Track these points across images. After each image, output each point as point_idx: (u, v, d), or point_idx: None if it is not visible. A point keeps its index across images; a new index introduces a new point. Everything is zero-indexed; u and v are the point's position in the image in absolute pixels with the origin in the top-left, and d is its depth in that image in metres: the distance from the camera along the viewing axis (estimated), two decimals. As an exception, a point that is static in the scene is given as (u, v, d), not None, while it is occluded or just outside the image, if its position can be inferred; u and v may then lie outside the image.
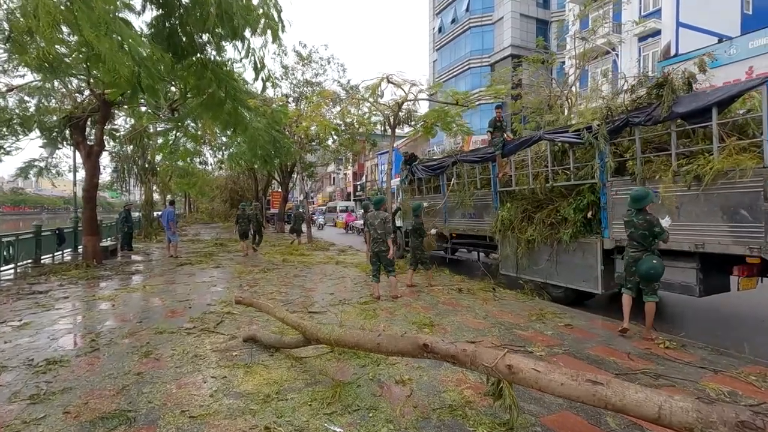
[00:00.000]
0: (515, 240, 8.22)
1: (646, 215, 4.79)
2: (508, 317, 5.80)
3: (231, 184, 34.50)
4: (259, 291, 7.65)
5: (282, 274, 9.56)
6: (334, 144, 25.99)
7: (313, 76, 22.01)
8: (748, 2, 24.92)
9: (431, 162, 11.56)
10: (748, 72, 16.93)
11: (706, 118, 5.22)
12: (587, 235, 6.90)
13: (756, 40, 17.45)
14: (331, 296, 7.19)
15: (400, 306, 6.44)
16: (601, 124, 5.92)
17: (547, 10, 35.24)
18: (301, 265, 11.19)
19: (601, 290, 6.61)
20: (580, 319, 5.78)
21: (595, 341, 4.76)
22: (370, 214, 7.27)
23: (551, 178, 7.52)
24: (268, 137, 10.35)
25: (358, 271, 10.09)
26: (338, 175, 64.11)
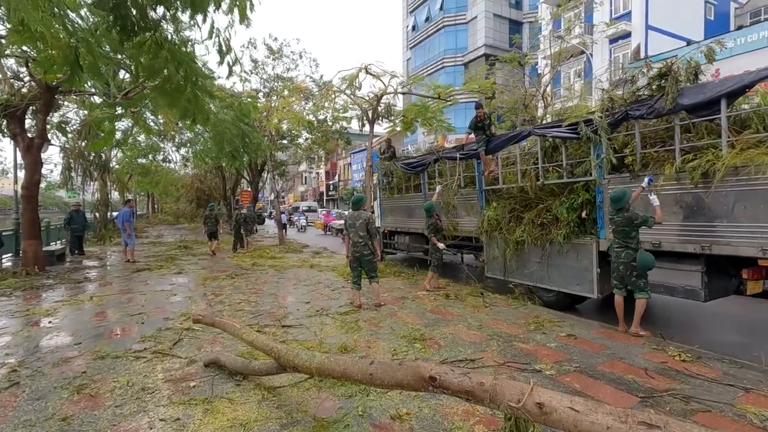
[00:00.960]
0: (503, 241, 7.76)
1: (625, 213, 4.88)
2: (503, 327, 5.29)
3: (197, 183, 32.85)
4: (226, 301, 6.84)
5: (251, 280, 8.75)
6: (306, 142, 25.15)
7: (284, 71, 21.09)
8: (710, 9, 25.76)
9: (411, 159, 11.00)
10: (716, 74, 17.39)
11: (713, 110, 4.87)
12: (581, 236, 6.49)
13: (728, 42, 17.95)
14: (306, 306, 6.49)
15: (384, 316, 5.82)
16: (602, 116, 5.50)
17: (519, 11, 35.51)
18: (272, 269, 10.37)
19: (597, 294, 6.22)
20: (579, 327, 5.33)
21: (605, 354, 4.29)
22: (350, 215, 6.61)
23: (542, 176, 7.09)
24: (236, 131, 9.47)
25: (335, 275, 9.39)
26: (310, 175, 62.87)
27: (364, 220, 6.32)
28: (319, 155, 33.66)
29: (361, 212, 6.48)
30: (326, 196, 55.77)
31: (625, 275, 4.95)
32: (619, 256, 4.98)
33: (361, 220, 6.32)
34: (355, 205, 6.62)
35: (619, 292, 5.13)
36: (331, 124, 21.28)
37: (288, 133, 22.63)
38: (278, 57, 21.40)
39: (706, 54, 4.95)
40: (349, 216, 6.59)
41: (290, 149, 29.02)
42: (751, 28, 17.23)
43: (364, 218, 6.34)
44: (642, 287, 4.97)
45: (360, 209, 6.55)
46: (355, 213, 6.51)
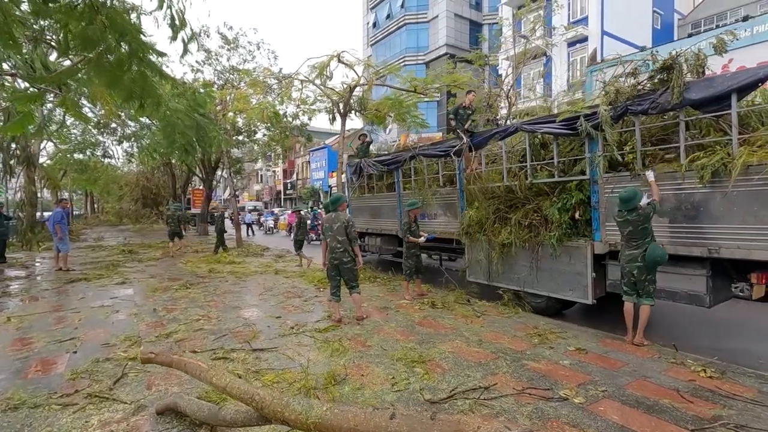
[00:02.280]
0: (487, 244, 7.30)
1: (639, 210, 4.56)
2: (505, 341, 4.77)
3: (143, 181, 30.33)
4: (181, 317, 5.86)
5: (209, 291, 7.73)
6: (264, 138, 23.84)
7: (240, 63, 19.74)
8: (657, 18, 27.13)
9: (384, 157, 10.37)
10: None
11: (723, 106, 4.60)
12: (574, 239, 6.13)
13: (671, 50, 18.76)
14: (278, 321, 5.65)
15: (370, 332, 5.13)
16: (608, 110, 5.11)
17: (479, 12, 35.88)
18: (232, 276, 9.35)
19: (592, 300, 5.87)
20: (584, 338, 4.92)
21: (626, 373, 3.86)
22: (326, 217, 5.85)
23: (530, 174, 6.68)
24: (190, 122, 8.36)
25: (305, 282, 8.56)
26: (267, 173, 60.66)
27: (343, 222, 5.58)
28: (277, 153, 32.19)
29: (339, 214, 5.72)
30: (284, 195, 53.96)
31: (639, 280, 4.60)
32: (635, 258, 4.59)
33: (339, 222, 5.57)
34: (332, 206, 5.84)
35: (629, 299, 4.78)
36: (292, 119, 20.28)
37: (245, 128, 21.28)
38: (233, 47, 20.03)
39: (716, 45, 4.67)
40: (326, 218, 5.82)
41: (246, 146, 27.53)
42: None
43: (342, 221, 5.60)
44: (651, 293, 4.69)
45: (338, 210, 5.80)
46: (332, 215, 5.75)
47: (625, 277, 4.72)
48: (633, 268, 4.60)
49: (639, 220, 4.55)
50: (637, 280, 4.61)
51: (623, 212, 4.67)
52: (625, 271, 4.69)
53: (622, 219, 4.68)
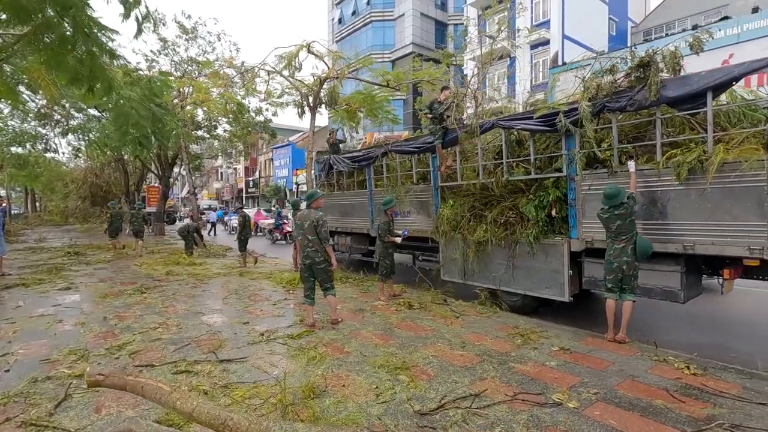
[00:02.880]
0: (462, 242, 7.17)
1: (624, 204, 4.58)
2: (488, 343, 4.61)
3: (92, 178, 28.26)
4: (136, 326, 5.30)
5: (168, 295, 7.13)
6: (225, 133, 22.87)
7: (199, 54, 18.77)
8: (613, 25, 28.37)
9: (355, 153, 10.05)
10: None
11: (698, 104, 4.65)
12: (551, 236, 6.10)
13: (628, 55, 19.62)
14: (246, 328, 5.23)
15: (347, 337, 4.83)
16: (589, 106, 5.06)
17: (445, 12, 36.15)
18: (192, 279, 8.73)
19: (569, 297, 5.86)
20: (565, 337, 4.85)
21: (613, 373, 3.79)
22: (299, 214, 5.49)
23: (506, 172, 6.60)
24: (145, 112, 7.72)
25: (272, 284, 8.11)
26: (227, 170, 58.60)
27: (313, 220, 5.19)
28: (239, 149, 31.00)
29: (311, 211, 5.33)
30: (245, 193, 52.30)
31: (627, 275, 4.60)
32: (624, 253, 4.58)
33: (310, 220, 5.19)
34: (306, 201, 5.47)
35: (612, 296, 4.75)
36: (255, 114, 19.50)
37: (205, 122, 20.29)
38: (192, 38, 19.02)
39: (692, 44, 4.72)
40: (299, 216, 5.46)
41: (206, 141, 26.31)
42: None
43: (313, 219, 5.20)
44: (634, 289, 4.70)
45: (311, 207, 5.44)
46: (304, 212, 5.39)
47: (612, 273, 4.67)
48: (622, 263, 4.57)
49: (627, 213, 4.56)
50: (625, 275, 4.60)
51: (608, 208, 4.65)
52: (613, 266, 4.65)
53: (608, 215, 4.65)
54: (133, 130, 8.16)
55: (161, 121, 8.44)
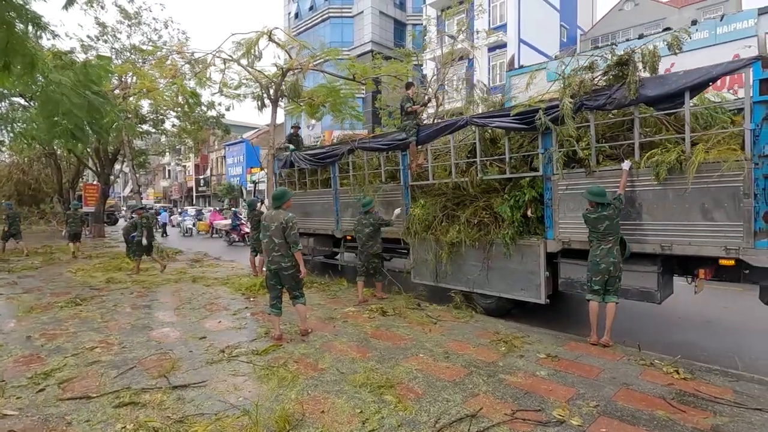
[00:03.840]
0: (434, 243, 6.92)
1: (611, 204, 4.50)
2: (472, 352, 4.34)
3: (18, 174, 25.50)
4: (68, 346, 4.53)
5: (108, 307, 6.29)
6: (174, 128, 21.39)
7: (144, 42, 17.32)
8: (564, 32, 29.58)
9: (319, 150, 9.53)
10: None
11: (676, 103, 4.64)
12: (526, 237, 5.96)
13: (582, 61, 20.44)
14: (202, 343, 4.62)
15: (319, 350, 4.37)
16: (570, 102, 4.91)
17: (403, 11, 36.13)
18: (137, 287, 7.85)
19: (545, 299, 5.74)
20: (548, 342, 4.68)
21: (607, 381, 3.62)
22: (267, 215, 4.96)
23: (480, 171, 6.41)
24: (80, 100, 6.78)
25: (230, 291, 7.44)
26: (176, 168, 55.45)
27: (282, 222, 4.69)
28: (188, 146, 29.16)
29: (279, 212, 4.79)
30: (196, 192, 49.69)
31: (613, 276, 4.52)
32: (610, 254, 4.50)
33: (278, 222, 4.69)
34: (275, 202, 4.87)
35: (596, 298, 4.64)
36: (207, 108, 18.31)
37: (150, 115, 18.79)
38: (135, 24, 17.56)
39: (671, 43, 4.70)
40: (265, 217, 4.93)
41: (152, 137, 24.51)
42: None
43: (282, 220, 4.69)
44: (617, 290, 4.61)
45: (281, 207, 4.92)
46: (272, 213, 4.87)
47: (599, 275, 4.55)
48: (609, 264, 4.48)
49: (614, 214, 4.49)
50: (611, 276, 4.52)
51: (597, 209, 4.55)
52: (600, 268, 4.52)
53: (596, 215, 4.54)
54: (63, 120, 7.18)
55: (99, 112, 7.49)
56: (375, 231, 6.92)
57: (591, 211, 4.62)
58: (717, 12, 26.40)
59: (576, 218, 5.38)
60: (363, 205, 6.98)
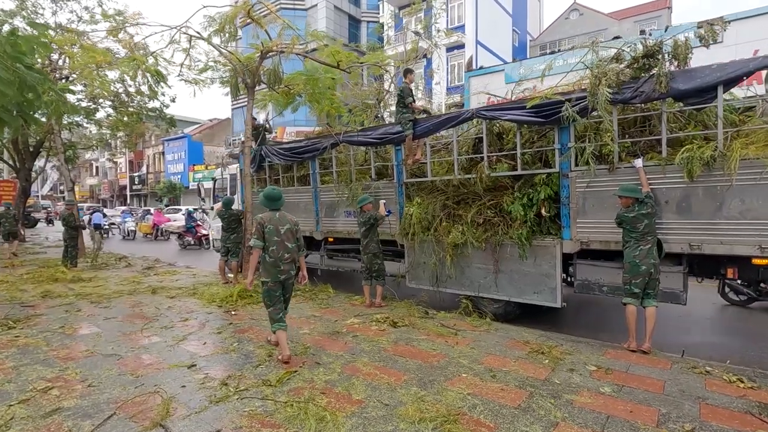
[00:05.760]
0: (434, 245, 6.45)
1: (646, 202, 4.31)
2: (514, 367, 3.87)
3: None
4: (11, 388, 3.44)
5: (53, 329, 5.08)
6: (109, 119, 19.13)
7: (74, 21, 15.17)
8: (516, 37, 30.52)
9: (295, 144, 8.69)
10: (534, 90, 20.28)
11: (706, 98, 4.49)
12: (540, 237, 5.64)
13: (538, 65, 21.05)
14: (195, 374, 3.73)
15: (344, 376, 3.67)
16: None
17: (358, 8, 35.46)
18: (85, 301, 6.57)
19: (561, 303, 5.46)
20: (588, 352, 4.34)
21: (679, 396, 3.28)
22: (269, 217, 4.20)
23: (487, 167, 6.02)
24: (9, 75, 5.50)
25: (202, 303, 6.42)
26: (106, 164, 50.57)
27: (294, 225, 4.28)
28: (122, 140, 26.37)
29: (285, 214, 4.31)
30: (130, 190, 45.62)
31: (654, 278, 4.28)
32: (650, 255, 4.25)
33: (289, 225, 4.22)
34: (274, 204, 4.26)
35: (634, 302, 4.37)
36: (148, 99, 16.49)
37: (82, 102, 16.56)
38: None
39: (704, 35, 4.54)
40: (268, 219, 4.19)
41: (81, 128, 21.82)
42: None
43: (292, 222, 4.28)
44: (657, 293, 4.38)
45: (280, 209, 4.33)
46: (275, 214, 4.22)
47: (639, 277, 4.28)
48: (650, 265, 4.24)
49: (652, 212, 4.28)
50: (651, 278, 4.28)
51: (633, 207, 4.30)
52: (640, 270, 4.25)
53: (634, 214, 4.28)
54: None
55: (35, 90, 6.19)
56: (369, 229, 6.33)
57: (628, 209, 4.36)
58: (651, 26, 28.60)
59: (597, 217, 5.14)
60: (359, 202, 6.38)
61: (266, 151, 8.86)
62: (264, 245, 4.06)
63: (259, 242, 4.06)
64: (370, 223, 6.28)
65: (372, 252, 6.33)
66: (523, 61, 21.57)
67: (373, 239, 6.37)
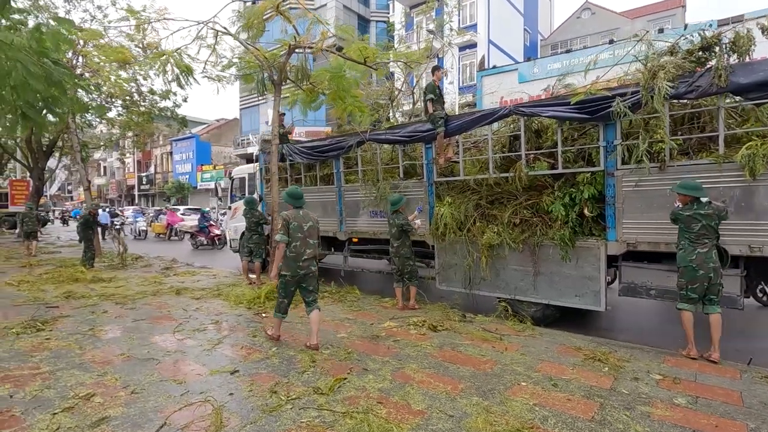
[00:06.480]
0: (467, 245, 6.26)
1: (711, 203, 4.07)
2: (573, 375, 3.67)
3: None
4: (51, 394, 3.27)
5: (82, 331, 4.92)
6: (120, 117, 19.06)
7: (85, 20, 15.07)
8: (527, 36, 30.28)
9: (318, 143, 8.51)
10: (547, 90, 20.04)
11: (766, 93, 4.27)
12: (583, 238, 5.44)
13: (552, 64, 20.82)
14: (240, 381, 3.55)
15: (397, 384, 3.48)
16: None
17: (367, 8, 35.33)
18: (109, 302, 6.42)
19: (605, 307, 5.25)
20: (647, 359, 4.12)
21: (764, 409, 3.08)
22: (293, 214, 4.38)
23: (526, 165, 5.82)
24: (39, 69, 5.35)
25: (229, 305, 6.26)
26: (114, 164, 50.70)
27: (316, 223, 4.54)
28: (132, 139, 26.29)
29: (308, 212, 4.57)
30: (138, 190, 45.70)
31: (714, 283, 4.04)
32: (709, 259, 4.01)
33: (311, 222, 4.47)
34: (299, 200, 4.51)
35: (690, 308, 4.16)
36: (160, 98, 16.39)
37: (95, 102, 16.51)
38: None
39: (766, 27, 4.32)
40: (293, 216, 4.36)
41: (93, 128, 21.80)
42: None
43: (314, 220, 4.54)
44: (720, 300, 4.14)
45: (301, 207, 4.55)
46: (299, 212, 4.45)
47: (697, 282, 4.06)
48: (710, 270, 4.00)
49: (713, 214, 4.01)
50: (711, 283, 4.03)
51: (690, 206, 4.07)
52: (698, 274, 4.02)
53: (690, 213, 4.06)
54: (11, 94, 5.65)
55: (61, 86, 6.02)
56: (402, 232, 6.17)
57: (685, 207, 4.14)
58: (666, 23, 28.29)
59: (645, 218, 4.94)
60: (392, 204, 6.21)
61: (288, 149, 8.69)
62: (288, 240, 4.24)
63: (285, 237, 4.24)
64: (405, 228, 6.12)
65: (405, 255, 6.16)
66: (537, 60, 21.36)
67: (405, 242, 6.21)
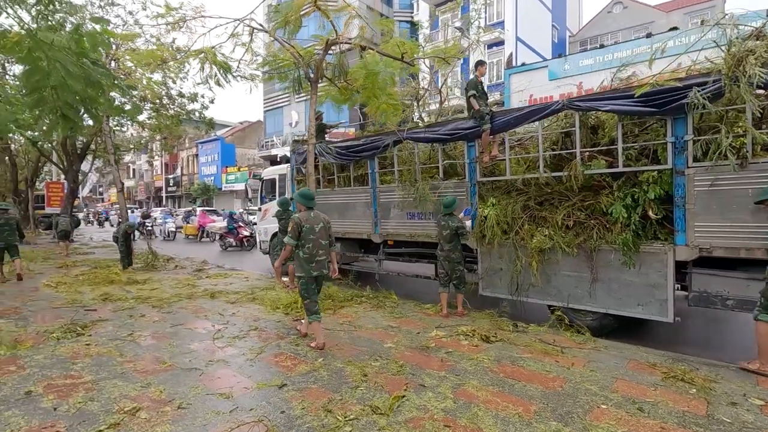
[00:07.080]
0: (515, 249, 5.88)
1: None
2: (657, 397, 3.27)
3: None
4: (95, 407, 3.08)
5: (122, 336, 4.79)
6: (150, 120, 19.35)
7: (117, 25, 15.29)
8: (555, 33, 29.49)
9: (352, 142, 8.27)
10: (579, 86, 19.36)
11: None
12: (647, 242, 5.00)
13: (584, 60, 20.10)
14: (288, 394, 3.30)
15: (459, 404, 3.16)
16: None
17: (390, 8, 35.15)
18: (145, 305, 6.32)
19: (674, 318, 4.80)
20: (732, 377, 3.69)
21: None
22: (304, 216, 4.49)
23: (579, 164, 5.41)
24: (78, 70, 5.28)
25: (266, 310, 6.06)
26: (142, 167, 52.03)
27: (326, 223, 4.61)
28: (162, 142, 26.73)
29: (319, 213, 4.63)
30: (166, 192, 46.69)
31: None
32: None
33: (322, 223, 4.55)
34: (311, 201, 4.58)
35: None
36: (188, 101, 16.51)
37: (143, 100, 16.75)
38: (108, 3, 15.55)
39: None
40: (305, 218, 4.39)
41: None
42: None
43: (325, 221, 4.60)
44: None
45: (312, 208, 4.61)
46: (310, 213, 4.51)
47: None
48: None
49: None
50: None
51: None
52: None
53: None
54: (52, 95, 5.59)
55: (100, 87, 5.96)
56: (455, 236, 5.85)
57: None
58: (705, 15, 27.03)
59: (722, 221, 4.48)
60: (445, 206, 5.92)
61: (320, 149, 8.48)
62: (298, 243, 4.35)
63: (293, 241, 4.33)
64: (461, 231, 5.83)
65: (456, 260, 5.86)
66: (568, 57, 20.62)
67: (457, 246, 5.92)
